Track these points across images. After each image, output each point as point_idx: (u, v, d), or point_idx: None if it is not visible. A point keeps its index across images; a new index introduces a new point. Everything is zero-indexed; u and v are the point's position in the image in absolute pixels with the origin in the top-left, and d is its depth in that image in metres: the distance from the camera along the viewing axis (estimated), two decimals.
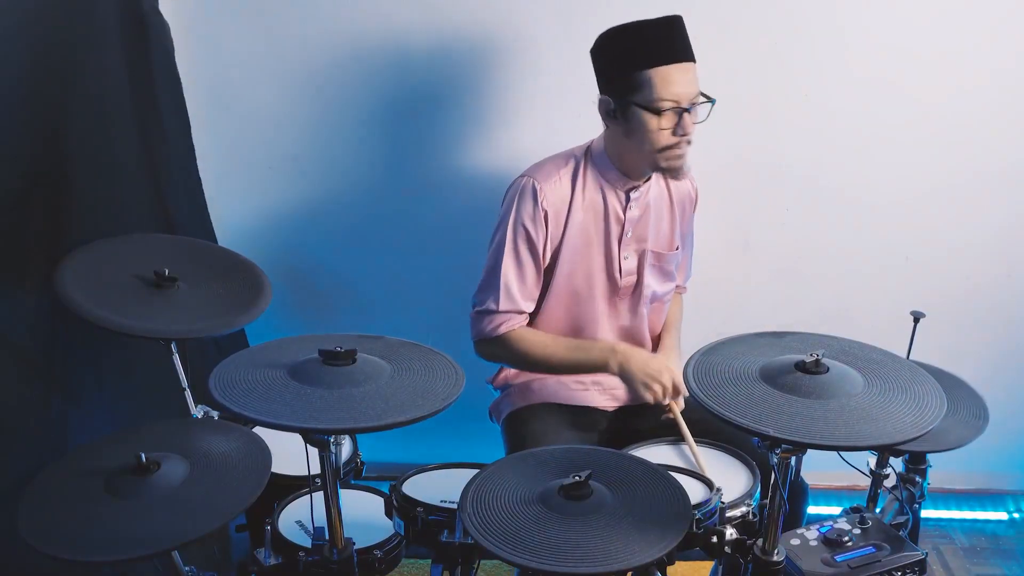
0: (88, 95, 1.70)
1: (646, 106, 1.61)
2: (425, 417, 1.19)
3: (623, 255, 1.80)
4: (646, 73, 1.59)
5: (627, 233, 1.79)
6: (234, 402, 1.18)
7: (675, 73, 1.59)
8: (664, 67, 1.59)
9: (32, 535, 1.19)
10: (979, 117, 2.12)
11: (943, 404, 1.18)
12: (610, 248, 1.80)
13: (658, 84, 1.59)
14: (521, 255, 1.74)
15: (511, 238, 1.74)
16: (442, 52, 2.08)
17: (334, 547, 1.34)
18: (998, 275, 2.30)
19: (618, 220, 1.78)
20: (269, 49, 2.08)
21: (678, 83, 1.60)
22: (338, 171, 2.22)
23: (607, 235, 1.79)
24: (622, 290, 1.83)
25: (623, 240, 1.79)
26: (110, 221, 1.75)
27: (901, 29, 2.04)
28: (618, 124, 1.68)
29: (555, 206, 1.73)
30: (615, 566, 1.12)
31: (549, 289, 1.80)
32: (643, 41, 1.60)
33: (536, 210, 1.71)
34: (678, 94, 1.60)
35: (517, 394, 1.90)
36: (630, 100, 1.62)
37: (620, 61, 1.64)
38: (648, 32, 1.60)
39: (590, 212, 1.76)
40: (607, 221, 1.78)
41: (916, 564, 1.35)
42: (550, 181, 1.73)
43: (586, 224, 1.77)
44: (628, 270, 1.82)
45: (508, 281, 1.74)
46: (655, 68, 1.58)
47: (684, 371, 1.28)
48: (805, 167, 2.19)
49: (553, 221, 1.74)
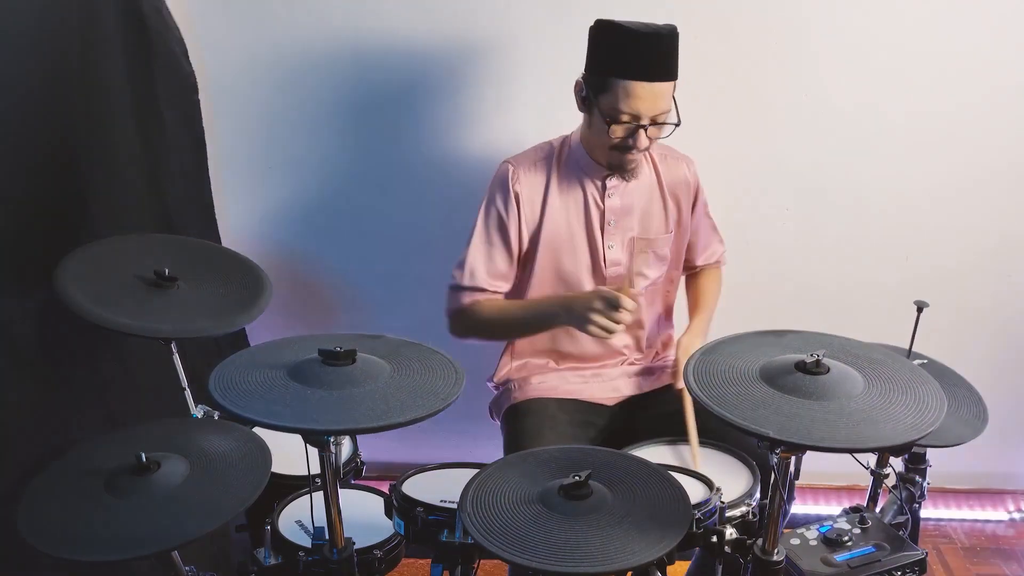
0: (89, 95, 1.70)
1: (604, 111, 1.63)
2: (425, 417, 1.19)
3: (607, 243, 1.81)
4: (614, 80, 1.60)
5: (610, 222, 1.80)
6: (234, 403, 1.18)
7: (641, 90, 1.58)
8: (632, 82, 1.58)
9: (32, 535, 1.19)
10: (980, 116, 2.12)
11: (943, 405, 1.18)
12: (593, 237, 1.80)
13: (621, 95, 1.59)
14: (491, 236, 1.79)
15: (483, 219, 1.80)
16: (443, 53, 2.08)
17: (334, 547, 1.34)
18: (999, 275, 2.31)
19: (598, 208, 1.79)
20: (269, 50, 2.08)
21: (641, 100, 1.59)
22: (338, 171, 2.22)
23: (588, 223, 1.80)
24: (609, 278, 1.83)
25: (606, 229, 1.80)
26: (110, 221, 1.75)
27: (901, 28, 2.04)
28: (584, 111, 1.72)
29: (528, 188, 1.76)
30: (615, 566, 1.12)
31: (533, 274, 1.82)
32: (623, 49, 1.59)
33: (508, 193, 1.76)
34: (638, 110, 1.60)
35: (516, 389, 1.90)
36: (595, 98, 1.65)
37: (598, 58, 1.65)
38: (631, 42, 1.58)
39: (569, 199, 1.79)
40: (587, 209, 1.79)
41: (916, 564, 1.35)
42: (524, 165, 1.78)
43: (567, 211, 1.79)
44: (613, 260, 1.82)
45: (474, 261, 1.79)
46: (623, 80, 1.58)
47: (684, 371, 1.27)
48: (805, 167, 2.19)
49: (527, 204, 1.77)
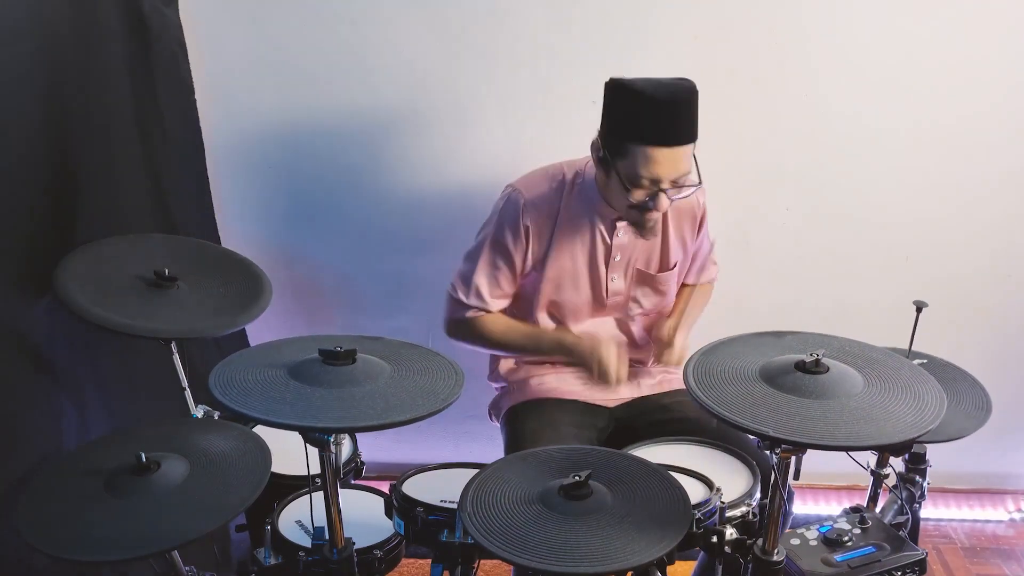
0: (89, 95, 1.70)
1: (623, 175, 1.58)
2: (425, 417, 1.19)
3: (611, 276, 1.81)
4: (634, 146, 1.54)
5: (615, 257, 1.79)
6: (235, 400, 1.18)
7: (661, 155, 1.54)
8: (652, 148, 1.53)
9: (32, 535, 1.19)
10: (980, 115, 2.12)
11: (943, 403, 1.18)
12: (596, 271, 1.80)
13: (641, 161, 1.54)
14: (497, 262, 1.78)
15: (490, 245, 1.77)
16: (443, 54, 2.08)
17: (334, 547, 1.34)
18: (999, 275, 2.30)
19: (605, 244, 1.77)
20: (269, 50, 2.08)
21: (661, 165, 1.55)
22: (338, 171, 2.22)
23: (592, 258, 1.78)
24: (608, 308, 1.84)
25: (610, 263, 1.79)
26: (110, 221, 1.75)
27: (901, 28, 2.04)
28: (600, 170, 1.66)
29: (538, 222, 1.74)
30: (615, 566, 1.13)
31: (533, 298, 1.82)
32: (642, 114, 1.53)
33: (518, 225, 1.73)
34: (658, 175, 1.56)
35: (516, 390, 1.90)
36: (613, 161, 1.59)
37: (615, 121, 1.59)
38: (649, 107, 1.52)
39: (576, 234, 1.76)
40: (593, 245, 1.77)
41: (916, 564, 1.35)
42: (535, 198, 1.73)
43: (572, 244, 1.77)
44: (615, 290, 1.82)
45: (480, 283, 1.79)
46: (642, 146, 1.53)
47: (684, 371, 1.28)
48: (805, 167, 2.19)
49: (535, 237, 1.75)
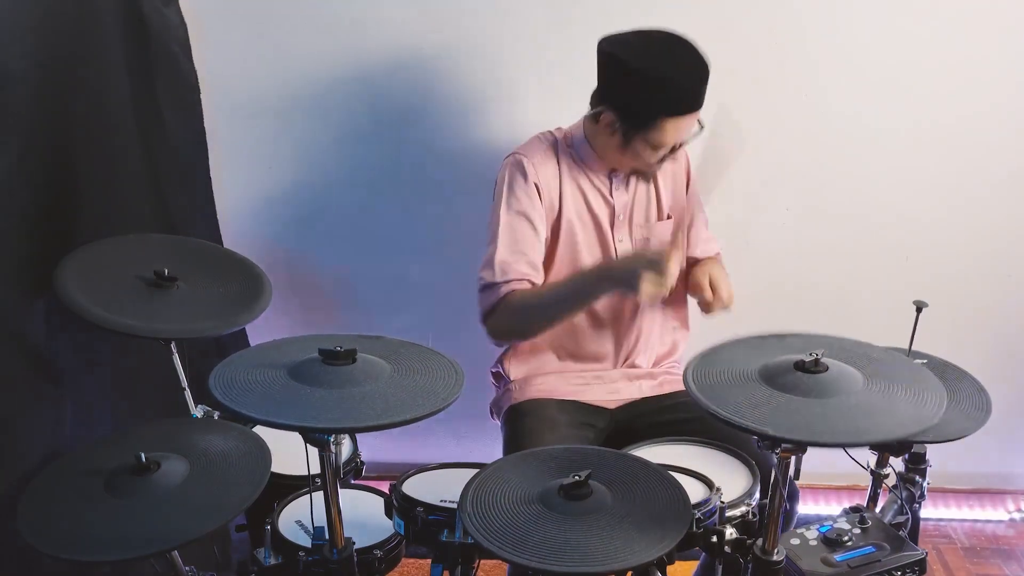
0: (89, 95, 1.70)
1: (650, 143, 1.67)
2: (425, 417, 1.19)
3: (618, 238, 1.82)
4: (662, 120, 1.63)
5: (619, 216, 1.80)
6: (235, 401, 1.18)
7: (685, 122, 1.65)
8: (680, 117, 1.63)
9: (32, 535, 1.20)
10: (980, 116, 2.12)
11: (943, 400, 1.18)
12: (603, 232, 1.81)
13: (669, 130, 1.64)
14: (517, 229, 1.74)
15: (505, 213, 1.74)
16: (443, 54, 2.08)
17: (334, 547, 1.34)
18: (999, 275, 2.30)
19: (607, 203, 1.80)
20: (270, 49, 2.08)
21: (685, 129, 1.66)
22: (338, 171, 2.22)
23: (595, 219, 1.80)
24: None
25: (615, 223, 1.81)
26: (110, 221, 1.75)
27: (901, 28, 2.04)
28: (612, 137, 1.70)
29: (546, 179, 1.76)
30: (615, 566, 1.13)
31: (552, 268, 1.80)
32: (668, 92, 1.62)
33: (528, 183, 1.74)
34: (682, 138, 1.68)
35: (517, 389, 1.89)
36: (637, 133, 1.66)
37: (640, 102, 1.64)
38: (674, 83, 1.61)
39: (578, 196, 1.79)
40: (595, 205, 1.79)
41: (916, 564, 1.35)
42: (537, 156, 1.76)
43: (577, 207, 1.79)
44: (624, 253, 1.82)
45: (504, 256, 1.73)
46: (671, 118, 1.63)
47: (684, 373, 1.27)
48: (805, 167, 2.19)
49: (546, 194, 1.76)
